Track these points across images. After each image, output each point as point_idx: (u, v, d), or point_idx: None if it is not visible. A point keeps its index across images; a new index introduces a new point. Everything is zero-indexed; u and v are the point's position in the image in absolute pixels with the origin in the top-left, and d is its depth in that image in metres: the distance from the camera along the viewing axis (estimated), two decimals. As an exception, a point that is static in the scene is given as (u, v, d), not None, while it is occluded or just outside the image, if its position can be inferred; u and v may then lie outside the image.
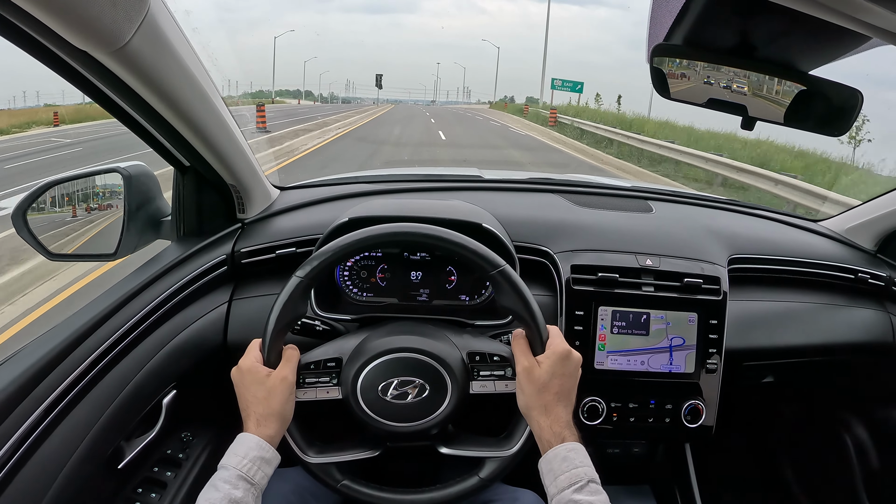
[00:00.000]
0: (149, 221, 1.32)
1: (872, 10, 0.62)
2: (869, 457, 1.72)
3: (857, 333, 1.59)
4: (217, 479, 0.87)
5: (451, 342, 1.05)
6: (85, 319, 1.05)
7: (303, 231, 1.39)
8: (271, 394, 0.94)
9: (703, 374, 1.34)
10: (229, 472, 0.87)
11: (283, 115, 28.60)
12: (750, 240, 1.58)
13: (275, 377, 0.95)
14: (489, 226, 1.29)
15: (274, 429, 0.94)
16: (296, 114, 33.15)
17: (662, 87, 0.99)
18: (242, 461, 0.89)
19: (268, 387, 0.94)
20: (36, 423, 0.93)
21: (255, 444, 0.91)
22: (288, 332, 1.01)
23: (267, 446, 0.92)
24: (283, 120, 23.73)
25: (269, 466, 0.92)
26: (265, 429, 0.93)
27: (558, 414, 0.94)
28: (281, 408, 0.94)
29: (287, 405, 0.96)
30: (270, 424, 0.94)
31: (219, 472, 0.89)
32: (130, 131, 1.12)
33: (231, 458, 0.90)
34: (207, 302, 1.30)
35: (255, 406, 0.94)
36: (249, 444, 0.91)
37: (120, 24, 0.77)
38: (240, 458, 0.89)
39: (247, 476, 0.88)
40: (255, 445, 0.91)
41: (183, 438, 1.32)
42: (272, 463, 0.92)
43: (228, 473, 0.87)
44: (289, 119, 24.92)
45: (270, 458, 0.92)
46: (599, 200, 1.64)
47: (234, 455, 0.90)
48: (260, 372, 0.96)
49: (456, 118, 39.51)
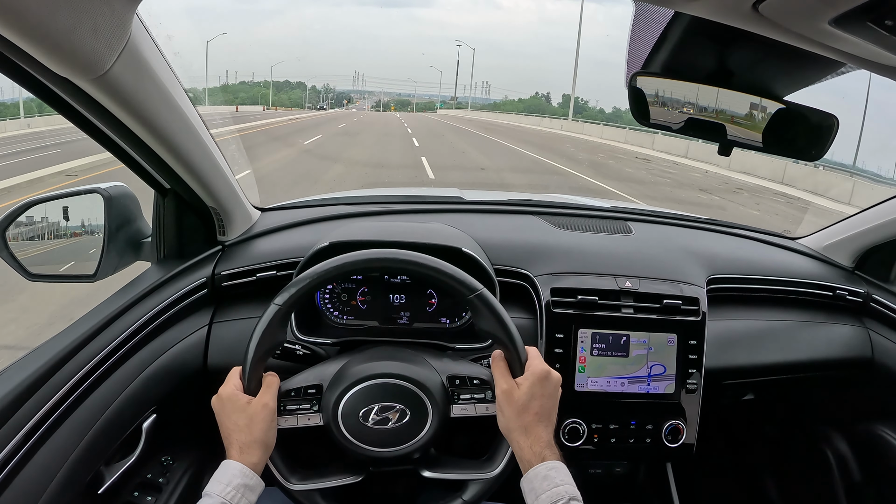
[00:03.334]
0: (129, 243, 1.31)
1: (845, 38, 0.64)
2: (851, 471, 1.73)
3: (836, 349, 1.61)
4: None
5: (430, 366, 1.06)
6: (65, 343, 1.04)
7: (284, 254, 1.39)
8: (253, 421, 0.94)
9: (682, 393, 1.35)
10: (214, 500, 0.87)
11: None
12: (728, 260, 1.60)
13: (256, 404, 0.95)
14: (469, 250, 1.29)
15: (258, 456, 0.94)
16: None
17: (641, 114, 1.00)
18: (226, 489, 0.88)
19: (249, 414, 0.94)
20: (15, 449, 0.92)
21: (239, 472, 0.91)
22: (268, 359, 1.01)
23: (251, 473, 0.92)
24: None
25: (252, 494, 0.91)
26: (249, 456, 0.93)
27: (539, 434, 0.95)
28: (263, 435, 0.94)
29: (269, 432, 0.96)
30: (254, 452, 0.93)
31: (203, 500, 0.88)
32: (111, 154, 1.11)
33: (215, 485, 0.89)
34: (187, 325, 1.30)
35: (237, 434, 0.94)
36: (233, 471, 0.91)
37: (101, 52, 0.77)
38: (223, 485, 0.89)
39: (231, 503, 0.87)
40: (239, 473, 0.90)
41: (163, 463, 1.30)
42: (256, 490, 0.92)
43: (213, 501, 0.87)
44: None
45: (254, 485, 0.92)
46: (579, 222, 1.65)
47: (217, 483, 0.89)
48: (240, 400, 0.96)
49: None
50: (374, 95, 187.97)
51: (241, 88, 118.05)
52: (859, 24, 0.60)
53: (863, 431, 1.70)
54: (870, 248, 1.69)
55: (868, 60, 0.73)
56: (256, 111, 59.31)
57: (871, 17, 0.58)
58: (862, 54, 0.71)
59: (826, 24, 0.61)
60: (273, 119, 37.49)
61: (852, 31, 0.62)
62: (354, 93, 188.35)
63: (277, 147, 17.89)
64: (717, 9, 0.66)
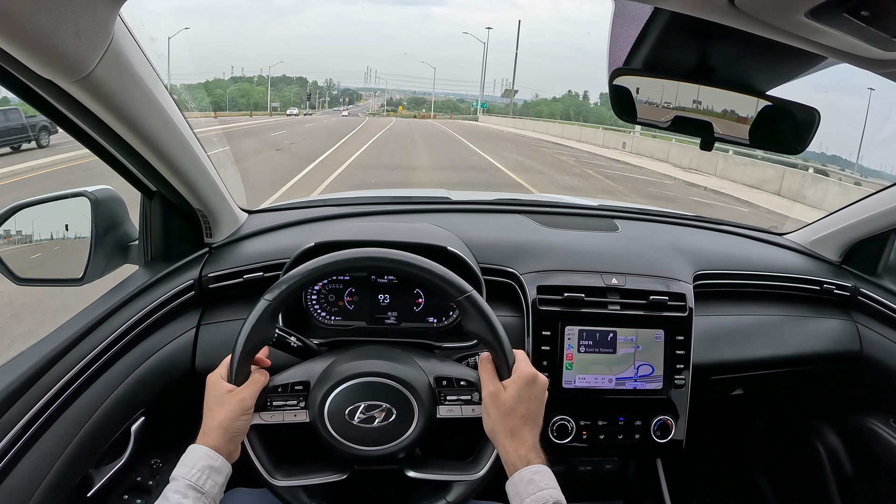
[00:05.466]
0: (116, 246, 1.31)
1: (822, 30, 0.65)
2: (842, 464, 1.74)
3: (824, 343, 1.62)
4: (168, 490, 0.88)
5: (418, 366, 1.06)
6: (52, 346, 1.04)
7: (270, 255, 1.39)
8: (223, 407, 0.95)
9: (671, 389, 1.36)
10: (179, 483, 0.88)
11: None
12: (715, 255, 1.61)
13: (234, 395, 0.96)
14: (454, 249, 1.30)
15: (219, 440, 0.94)
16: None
17: (623, 111, 1.00)
18: (191, 471, 0.89)
19: (224, 401, 0.95)
20: (3, 452, 0.92)
21: (204, 454, 0.91)
22: (256, 355, 1.01)
23: (215, 455, 0.92)
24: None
25: (218, 475, 0.92)
26: (210, 439, 0.93)
27: (524, 437, 0.95)
28: (229, 423, 0.94)
29: (235, 422, 0.95)
30: (215, 434, 0.94)
31: (170, 484, 0.89)
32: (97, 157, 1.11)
33: (181, 468, 0.90)
34: (175, 327, 1.30)
35: (207, 418, 0.95)
36: (198, 454, 0.91)
37: (84, 54, 0.77)
38: (188, 468, 0.89)
39: (196, 485, 0.88)
40: (204, 455, 0.91)
41: (153, 465, 1.30)
42: (222, 471, 0.93)
43: (178, 484, 0.88)
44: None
45: (220, 466, 0.92)
46: (566, 220, 1.66)
47: (183, 466, 0.90)
48: (222, 387, 0.97)
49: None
50: (387, 93, 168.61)
51: (216, 85, 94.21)
52: (836, 16, 0.60)
53: (853, 424, 1.72)
54: (857, 243, 1.70)
55: (847, 53, 0.74)
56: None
57: (847, 7, 0.58)
58: (840, 46, 0.72)
59: (802, 16, 0.61)
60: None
61: (829, 23, 0.63)
62: (365, 90, 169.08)
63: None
64: (694, 4, 0.66)
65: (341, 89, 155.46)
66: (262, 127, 32.33)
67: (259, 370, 1.02)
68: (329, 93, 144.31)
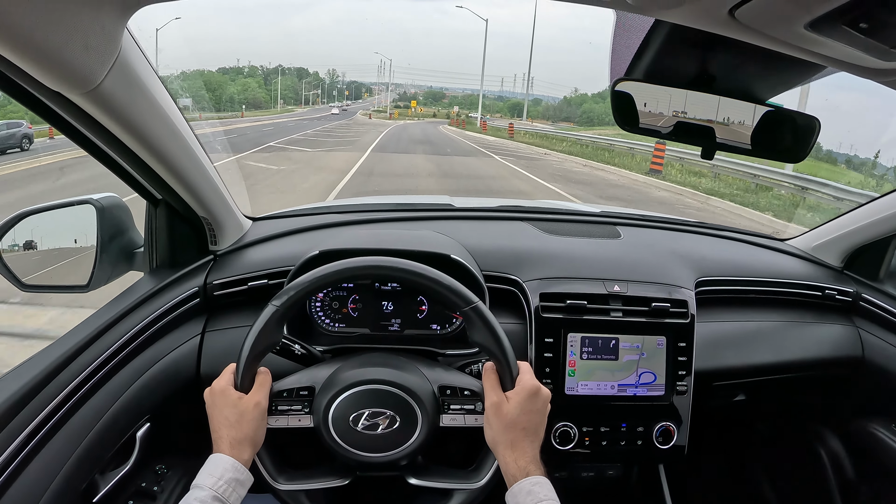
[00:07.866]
0: (121, 253, 1.31)
1: (822, 41, 0.65)
2: (844, 469, 1.74)
3: (826, 349, 1.62)
4: (192, 498, 0.87)
5: (422, 375, 1.06)
6: (59, 353, 1.05)
7: (275, 263, 1.39)
8: (243, 417, 0.95)
9: (673, 396, 1.36)
10: (205, 493, 0.88)
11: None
12: (717, 262, 1.61)
13: (247, 401, 0.96)
14: (457, 257, 1.30)
15: (248, 453, 0.95)
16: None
17: (625, 120, 1.01)
18: (218, 482, 0.89)
19: (240, 410, 0.95)
20: (10, 458, 0.93)
21: (231, 466, 0.91)
22: (262, 359, 1.02)
23: (242, 468, 0.92)
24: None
25: (242, 488, 0.92)
26: (240, 452, 0.94)
27: (524, 448, 0.95)
28: (253, 433, 0.95)
29: (259, 431, 0.97)
30: (244, 449, 0.94)
31: (193, 492, 0.88)
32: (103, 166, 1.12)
33: (206, 478, 0.90)
34: (180, 334, 1.30)
35: (228, 429, 0.95)
36: (225, 465, 0.91)
37: (92, 66, 0.78)
38: (215, 478, 0.89)
39: (222, 497, 0.88)
40: (231, 467, 0.91)
41: (157, 471, 1.30)
42: (246, 485, 0.93)
43: (204, 493, 0.88)
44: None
45: (244, 479, 0.93)
46: (568, 227, 1.66)
47: (209, 476, 0.90)
48: (232, 395, 0.97)
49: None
50: (401, 87, 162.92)
51: (191, 76, 74.15)
52: (835, 28, 0.61)
53: (855, 430, 1.72)
54: (858, 248, 1.71)
55: (846, 62, 0.74)
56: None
57: (846, 19, 0.59)
58: (840, 56, 0.72)
59: (802, 28, 0.62)
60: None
61: (829, 35, 0.63)
62: (377, 85, 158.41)
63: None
64: (694, 16, 0.67)
65: (346, 83, 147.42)
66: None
67: (262, 370, 1.02)
68: (334, 86, 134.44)
